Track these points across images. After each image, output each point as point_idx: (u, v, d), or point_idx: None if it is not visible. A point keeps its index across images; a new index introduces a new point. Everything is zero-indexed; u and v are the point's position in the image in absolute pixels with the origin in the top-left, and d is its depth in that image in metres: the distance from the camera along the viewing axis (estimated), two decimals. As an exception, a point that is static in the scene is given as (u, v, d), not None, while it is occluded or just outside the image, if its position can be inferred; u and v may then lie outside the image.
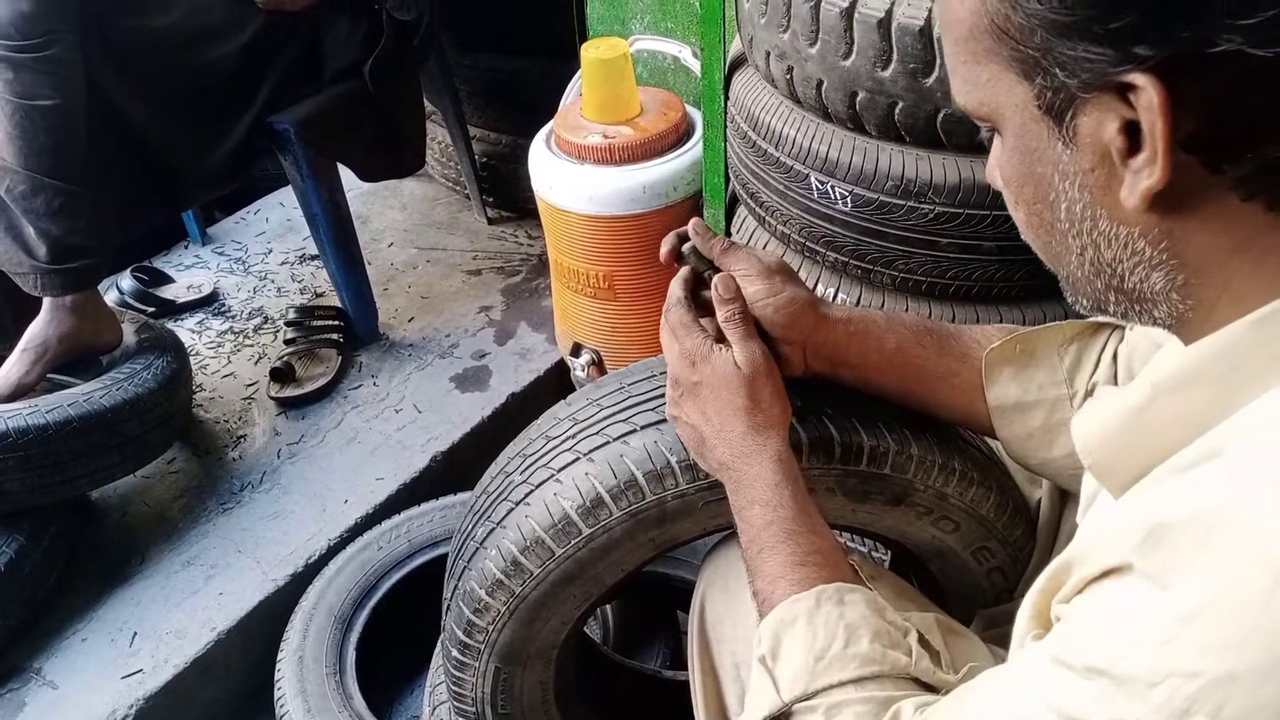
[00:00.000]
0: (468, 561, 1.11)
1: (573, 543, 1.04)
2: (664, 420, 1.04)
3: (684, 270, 1.03)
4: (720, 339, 0.97)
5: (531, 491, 1.06)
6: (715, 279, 0.98)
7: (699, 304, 1.03)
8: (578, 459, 1.05)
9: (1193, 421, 0.61)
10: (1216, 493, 0.55)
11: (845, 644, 0.81)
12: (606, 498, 1.02)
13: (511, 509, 1.07)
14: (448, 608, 1.17)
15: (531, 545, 1.05)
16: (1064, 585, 0.65)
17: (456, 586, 1.13)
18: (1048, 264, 0.72)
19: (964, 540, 1.11)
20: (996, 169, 0.72)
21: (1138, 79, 0.55)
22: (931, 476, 1.05)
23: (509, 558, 1.06)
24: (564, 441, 1.08)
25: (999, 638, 1.12)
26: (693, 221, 1.04)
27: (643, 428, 1.04)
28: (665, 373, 1.08)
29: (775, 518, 0.89)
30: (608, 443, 1.04)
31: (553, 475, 1.05)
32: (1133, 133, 0.58)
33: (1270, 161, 0.56)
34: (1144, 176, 0.58)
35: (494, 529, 1.08)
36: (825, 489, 1.04)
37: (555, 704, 1.25)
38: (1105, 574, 0.59)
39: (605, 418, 1.07)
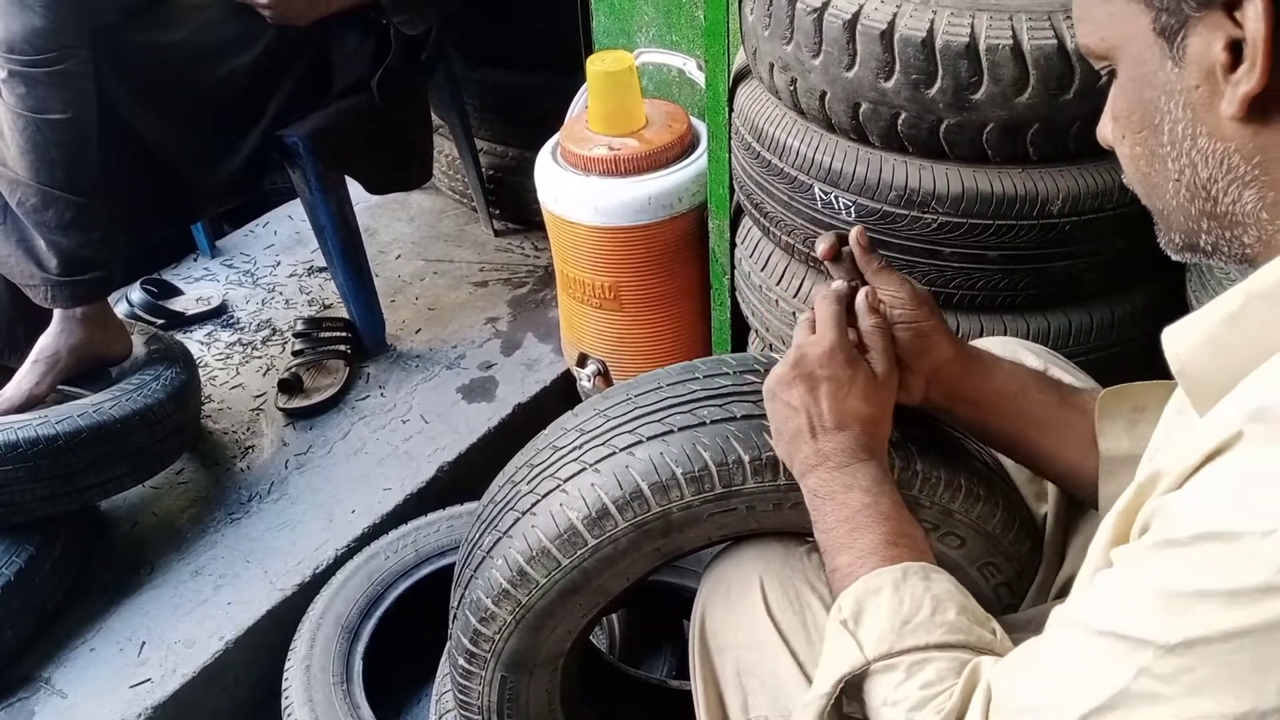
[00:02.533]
0: (475, 570, 1.12)
1: (578, 553, 1.04)
2: (670, 431, 1.04)
3: (839, 282, 1.04)
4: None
5: (538, 501, 1.07)
6: (866, 291, 1.01)
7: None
8: (584, 469, 1.05)
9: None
10: None
11: (932, 612, 0.82)
12: (612, 508, 1.03)
13: (518, 518, 1.08)
14: (454, 616, 1.17)
15: (538, 555, 1.05)
16: (1150, 496, 0.66)
17: (463, 595, 1.14)
18: (1145, 198, 0.77)
19: (970, 556, 1.11)
20: (1108, 117, 0.78)
21: None
22: (937, 493, 1.05)
23: (515, 567, 1.06)
24: (570, 452, 1.08)
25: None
26: (856, 230, 1.07)
27: (649, 439, 1.05)
28: (672, 384, 1.09)
29: (874, 502, 0.92)
30: (614, 454, 1.05)
31: (559, 485, 1.06)
32: (1235, 51, 0.64)
33: None
34: (1243, 84, 0.64)
35: (501, 538, 1.09)
36: None
37: (561, 712, 1.26)
38: (1211, 456, 0.61)
39: (611, 429, 1.07)
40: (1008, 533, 1.10)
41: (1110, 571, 0.67)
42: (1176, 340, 0.71)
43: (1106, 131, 0.79)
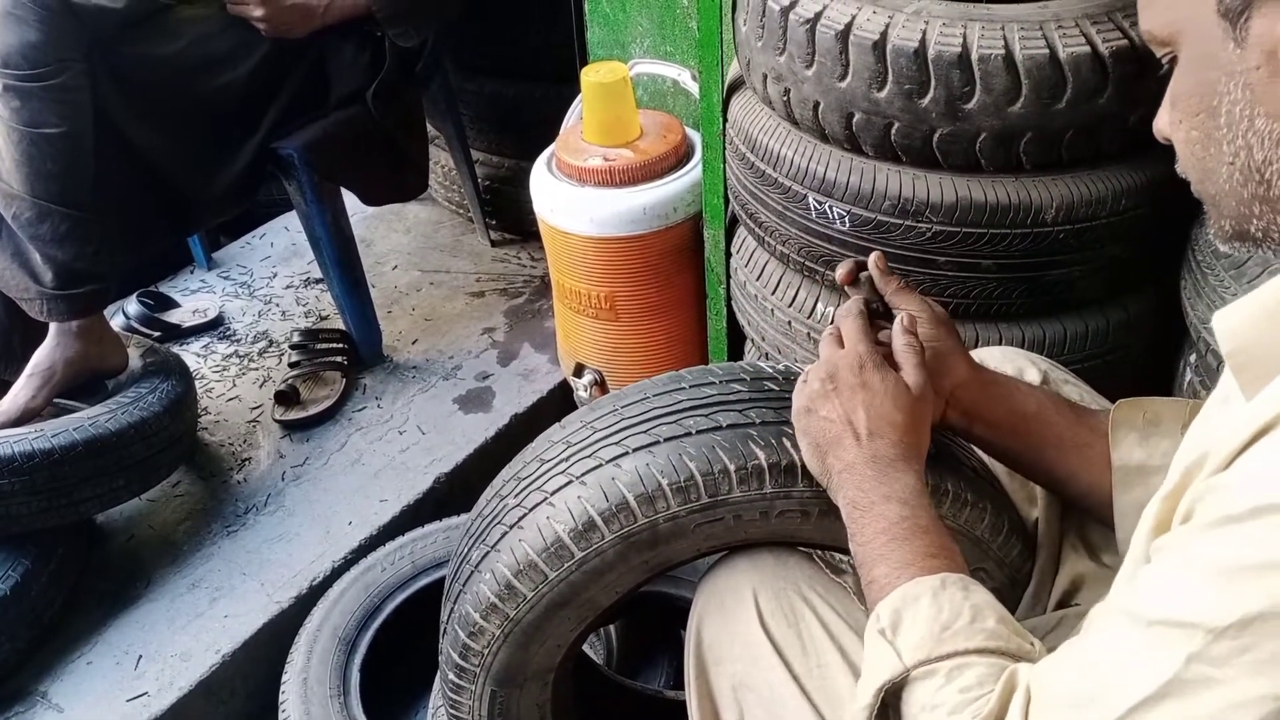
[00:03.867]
0: (463, 585, 1.12)
1: (565, 566, 1.04)
2: (656, 442, 1.04)
3: (858, 298, 1.07)
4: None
5: (525, 515, 1.07)
6: (902, 315, 1.03)
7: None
8: (570, 482, 1.05)
9: None
10: None
11: (971, 619, 0.82)
12: (598, 520, 1.02)
13: (505, 532, 1.08)
14: (444, 631, 1.17)
15: (525, 569, 1.05)
16: (1196, 477, 0.66)
17: (452, 610, 1.14)
18: (1198, 184, 0.78)
19: None
20: (1165, 106, 0.79)
21: None
22: None
23: (503, 581, 1.06)
24: (557, 464, 1.08)
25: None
26: (874, 256, 1.10)
27: (634, 450, 1.04)
28: (658, 394, 1.09)
29: (911, 514, 0.91)
30: (600, 465, 1.05)
31: (546, 499, 1.06)
32: None
33: None
34: None
35: (488, 552, 1.09)
36: (819, 512, 1.04)
37: None
38: (1259, 435, 0.61)
39: (598, 440, 1.07)
40: (996, 537, 1.10)
41: (1154, 563, 0.67)
42: (1228, 321, 0.71)
43: (1163, 123, 0.80)
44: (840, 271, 1.10)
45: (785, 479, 1.02)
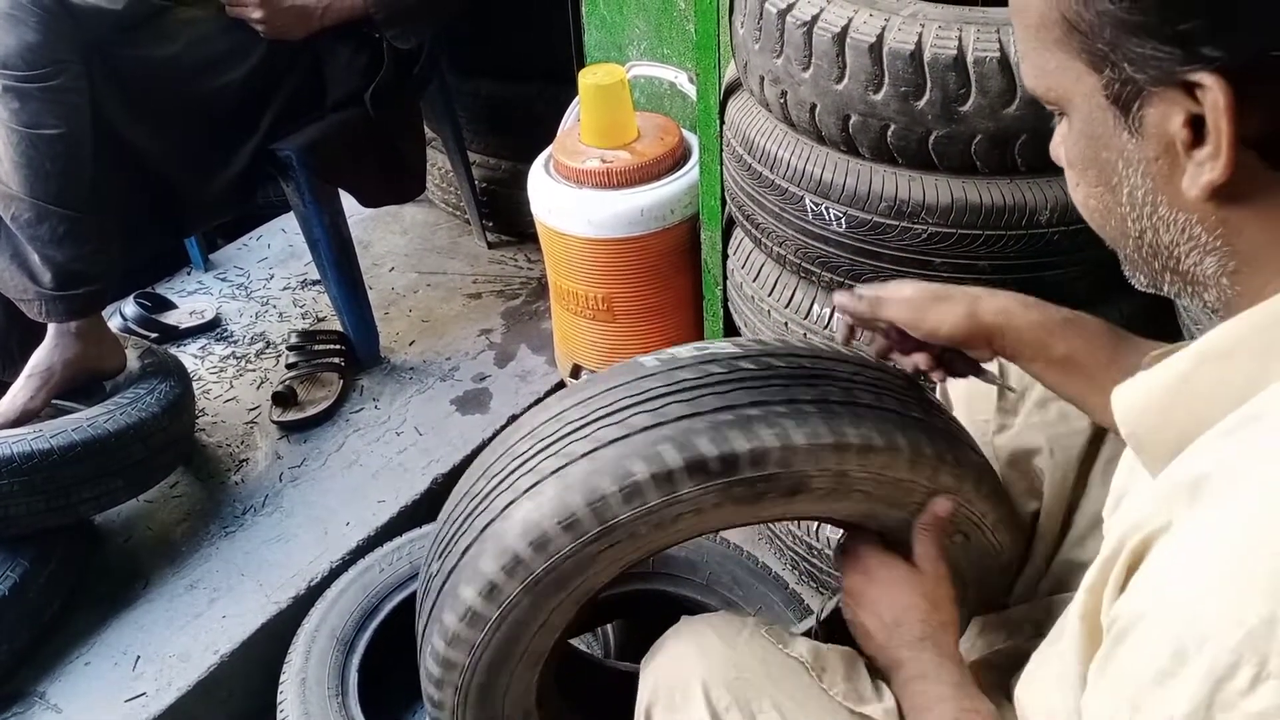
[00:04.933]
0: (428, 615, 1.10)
1: (484, 630, 1.02)
2: (540, 480, 1.00)
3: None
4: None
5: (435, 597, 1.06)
6: (936, 501, 1.05)
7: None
8: (475, 539, 1.03)
9: (1233, 391, 0.62)
10: (1260, 451, 0.57)
11: None
12: (498, 580, 1.00)
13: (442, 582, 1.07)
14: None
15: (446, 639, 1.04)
16: (1113, 569, 0.65)
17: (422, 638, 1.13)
18: (1106, 241, 0.75)
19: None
20: (1061, 149, 0.75)
21: (1204, 79, 0.58)
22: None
23: (438, 659, 1.05)
24: (462, 524, 1.06)
25: (999, 657, 1.13)
26: (836, 302, 1.11)
27: (522, 493, 1.01)
28: (543, 423, 1.06)
29: (933, 688, 0.97)
30: (492, 519, 1.02)
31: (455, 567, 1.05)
32: (1197, 126, 0.61)
33: None
34: (1206, 170, 0.61)
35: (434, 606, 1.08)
36: (713, 504, 1.00)
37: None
38: (1148, 542, 0.60)
39: (495, 488, 1.05)
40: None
41: (1086, 703, 0.66)
42: (1125, 401, 0.70)
43: (1060, 156, 0.76)
44: (840, 336, 1.16)
45: (666, 486, 0.97)
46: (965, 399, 1.24)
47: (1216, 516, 0.56)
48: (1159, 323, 1.57)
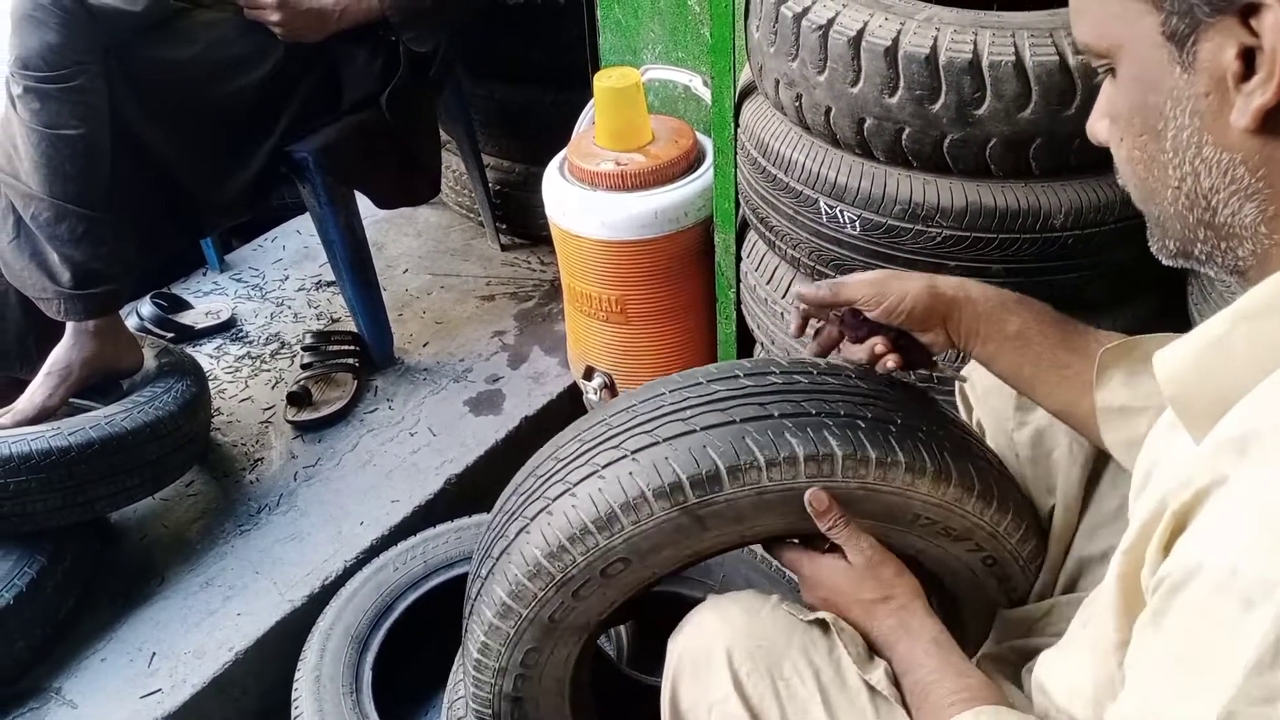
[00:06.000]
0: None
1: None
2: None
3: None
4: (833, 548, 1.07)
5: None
6: (808, 495, 1.03)
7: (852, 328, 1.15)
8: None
9: (1269, 351, 0.63)
10: None
11: None
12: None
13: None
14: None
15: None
16: (1154, 533, 0.65)
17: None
18: (1141, 203, 0.76)
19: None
20: (1101, 116, 0.77)
21: None
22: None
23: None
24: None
25: (1012, 652, 1.13)
26: (796, 291, 1.14)
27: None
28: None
29: (923, 679, 0.98)
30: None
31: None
32: (1248, 59, 0.63)
33: None
34: (1257, 96, 0.63)
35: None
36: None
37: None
38: (1200, 497, 0.61)
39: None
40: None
41: (1134, 659, 0.67)
42: (1167, 364, 0.70)
43: (1100, 129, 0.78)
44: (793, 327, 1.18)
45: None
46: (984, 397, 1.25)
47: (1273, 467, 0.56)
48: (1173, 325, 1.57)
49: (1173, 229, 0.73)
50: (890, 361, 1.13)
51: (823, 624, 1.04)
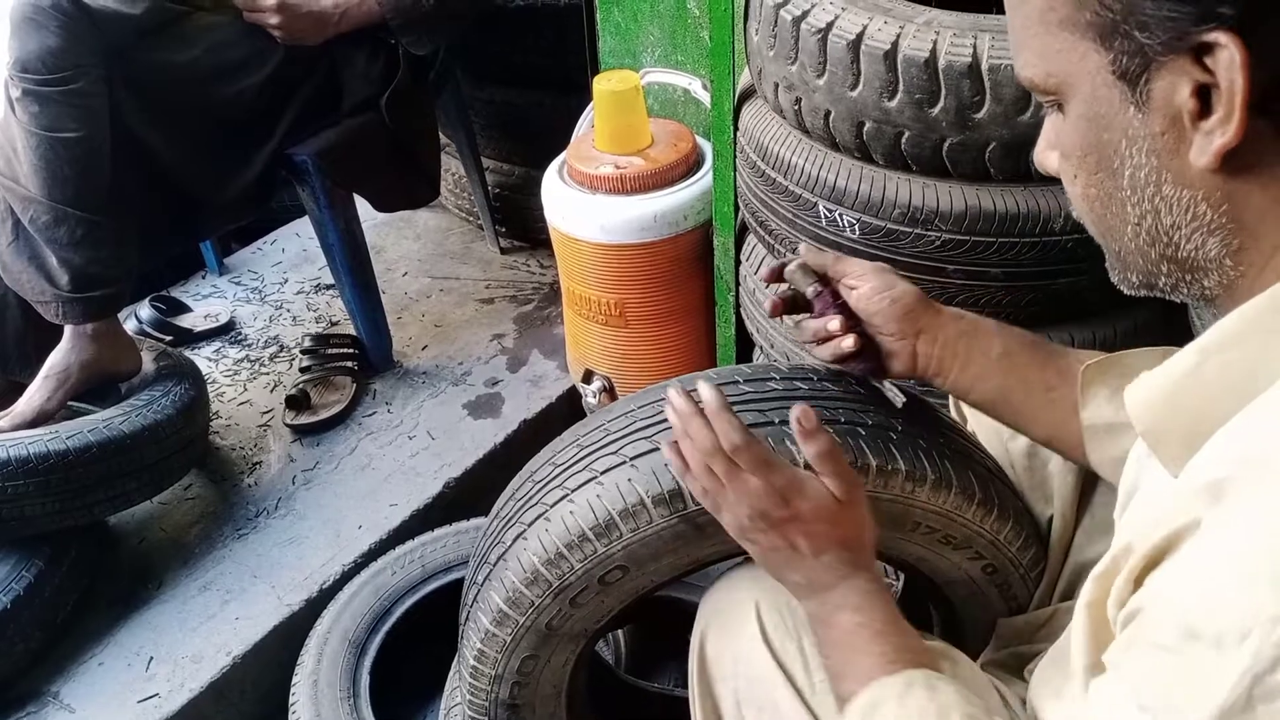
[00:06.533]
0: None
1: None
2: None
3: (724, 413, 0.95)
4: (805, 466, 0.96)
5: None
6: (796, 411, 0.93)
7: (796, 307, 1.10)
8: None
9: (1241, 383, 0.62)
10: (1273, 439, 0.57)
11: None
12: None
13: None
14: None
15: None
16: (1125, 567, 0.65)
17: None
18: (1099, 238, 0.74)
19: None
20: (1049, 148, 0.74)
21: (1219, 37, 0.58)
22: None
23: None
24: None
25: (1012, 658, 1.13)
26: (802, 246, 1.08)
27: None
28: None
29: (866, 621, 0.90)
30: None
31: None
32: (1204, 96, 0.61)
33: None
34: (1217, 135, 0.61)
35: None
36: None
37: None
38: (1173, 540, 0.60)
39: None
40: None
41: (1101, 684, 0.66)
42: (1137, 398, 0.70)
43: (1049, 161, 0.75)
44: (763, 271, 1.09)
45: None
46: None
47: (1248, 514, 0.56)
48: (1173, 331, 1.57)
49: (1135, 264, 0.72)
50: (848, 341, 1.07)
51: None
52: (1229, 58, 0.58)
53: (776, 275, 1.09)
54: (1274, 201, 0.63)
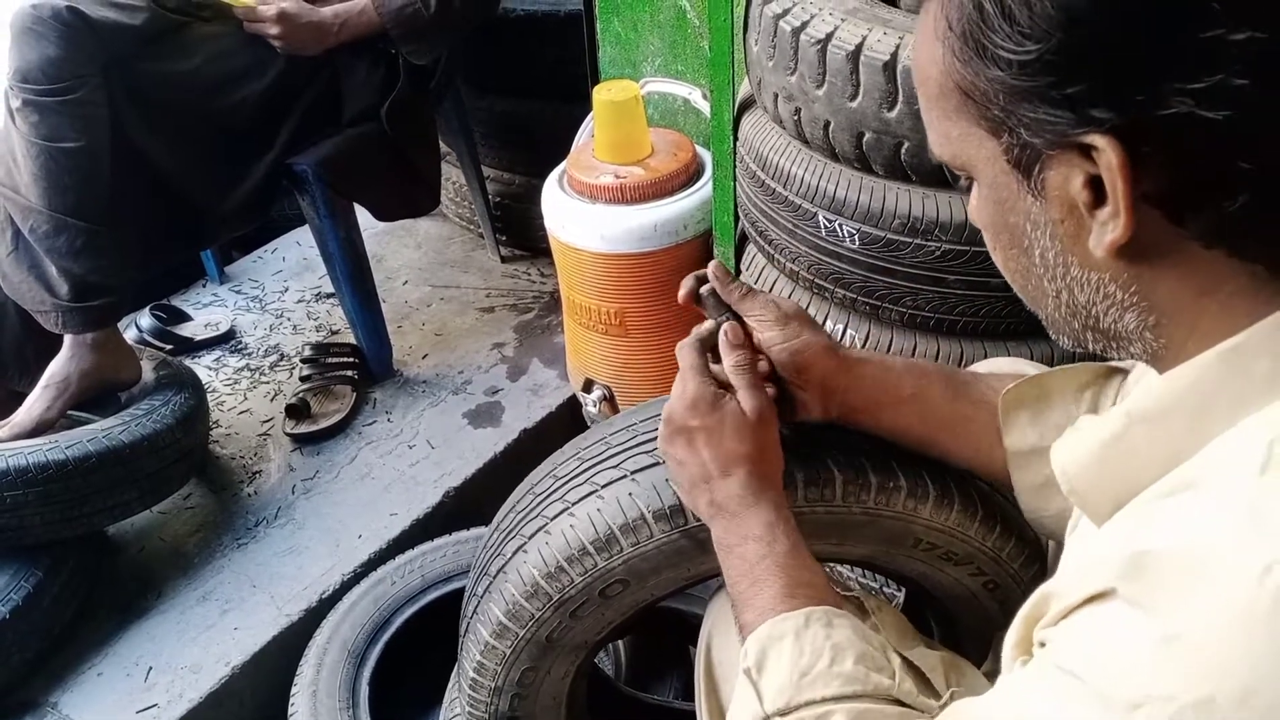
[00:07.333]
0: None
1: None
2: (624, 478, 1.04)
3: (702, 325, 1.01)
4: (726, 386, 0.97)
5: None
6: (724, 326, 0.98)
7: (714, 350, 1.03)
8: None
9: (1166, 451, 0.63)
10: (1196, 526, 0.57)
11: (830, 663, 0.82)
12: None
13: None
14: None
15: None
16: (1045, 614, 0.65)
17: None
18: (1027, 304, 0.74)
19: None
20: (973, 218, 0.74)
21: (1097, 140, 0.58)
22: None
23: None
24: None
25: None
26: (711, 265, 1.04)
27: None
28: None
29: (769, 552, 0.90)
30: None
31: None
32: (1097, 186, 0.60)
33: (1228, 214, 0.58)
34: (1109, 229, 0.60)
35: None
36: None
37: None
38: (1089, 600, 0.60)
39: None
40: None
41: (1012, 678, 0.67)
42: (1063, 459, 0.70)
43: (978, 223, 0.74)
44: (681, 293, 1.04)
45: None
46: None
47: (1158, 598, 0.55)
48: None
49: (1062, 330, 0.72)
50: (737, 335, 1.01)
51: (858, 603, 1.02)
52: (1108, 161, 0.58)
53: (692, 297, 1.05)
54: (1182, 284, 0.62)
